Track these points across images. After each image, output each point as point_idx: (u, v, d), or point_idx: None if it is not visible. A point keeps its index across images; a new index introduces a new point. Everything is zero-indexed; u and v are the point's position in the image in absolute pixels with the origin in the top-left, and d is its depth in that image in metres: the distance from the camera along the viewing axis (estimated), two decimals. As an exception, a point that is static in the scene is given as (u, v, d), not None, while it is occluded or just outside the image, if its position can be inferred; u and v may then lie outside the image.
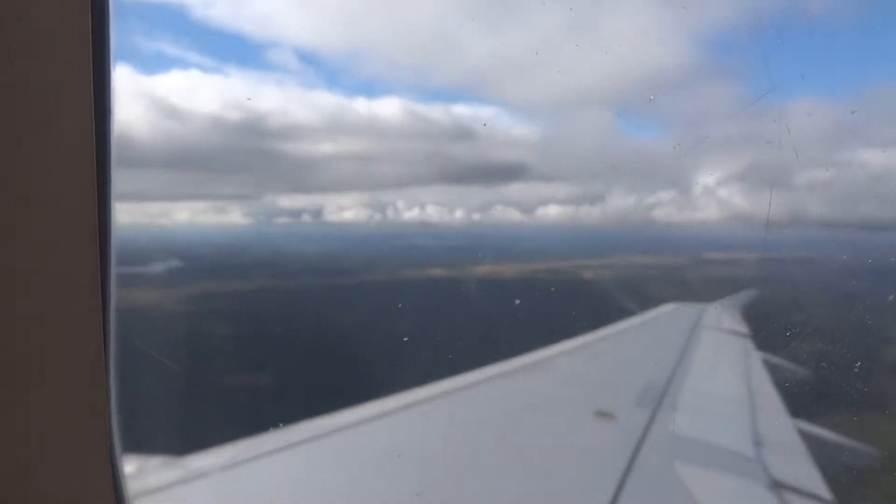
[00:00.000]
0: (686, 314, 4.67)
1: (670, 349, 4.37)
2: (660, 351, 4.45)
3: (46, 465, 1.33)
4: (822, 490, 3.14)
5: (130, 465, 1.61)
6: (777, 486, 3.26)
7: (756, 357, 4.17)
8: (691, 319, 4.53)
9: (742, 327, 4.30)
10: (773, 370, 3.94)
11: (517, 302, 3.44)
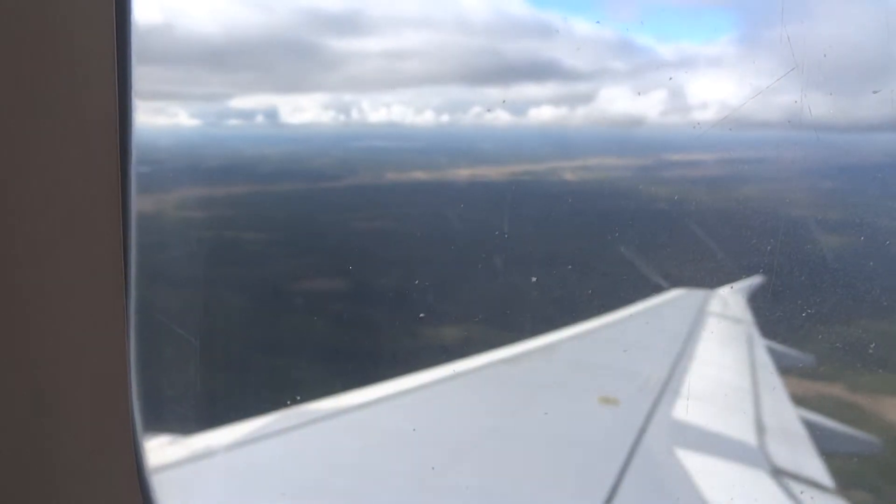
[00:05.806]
0: (693, 300, 4.65)
1: (675, 336, 4.38)
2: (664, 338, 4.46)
3: (68, 441, 1.33)
4: (825, 478, 3.16)
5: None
6: (779, 473, 3.29)
7: (762, 344, 4.17)
8: (698, 305, 4.52)
9: (749, 313, 4.29)
10: (778, 358, 3.94)
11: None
